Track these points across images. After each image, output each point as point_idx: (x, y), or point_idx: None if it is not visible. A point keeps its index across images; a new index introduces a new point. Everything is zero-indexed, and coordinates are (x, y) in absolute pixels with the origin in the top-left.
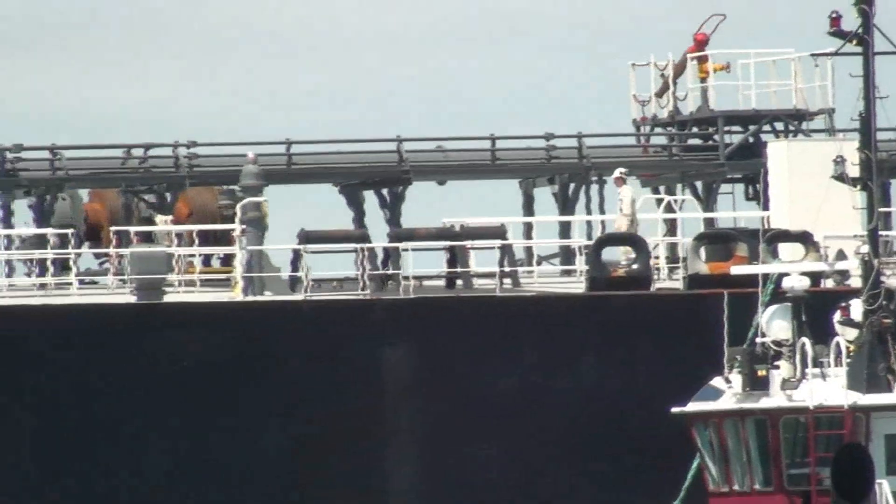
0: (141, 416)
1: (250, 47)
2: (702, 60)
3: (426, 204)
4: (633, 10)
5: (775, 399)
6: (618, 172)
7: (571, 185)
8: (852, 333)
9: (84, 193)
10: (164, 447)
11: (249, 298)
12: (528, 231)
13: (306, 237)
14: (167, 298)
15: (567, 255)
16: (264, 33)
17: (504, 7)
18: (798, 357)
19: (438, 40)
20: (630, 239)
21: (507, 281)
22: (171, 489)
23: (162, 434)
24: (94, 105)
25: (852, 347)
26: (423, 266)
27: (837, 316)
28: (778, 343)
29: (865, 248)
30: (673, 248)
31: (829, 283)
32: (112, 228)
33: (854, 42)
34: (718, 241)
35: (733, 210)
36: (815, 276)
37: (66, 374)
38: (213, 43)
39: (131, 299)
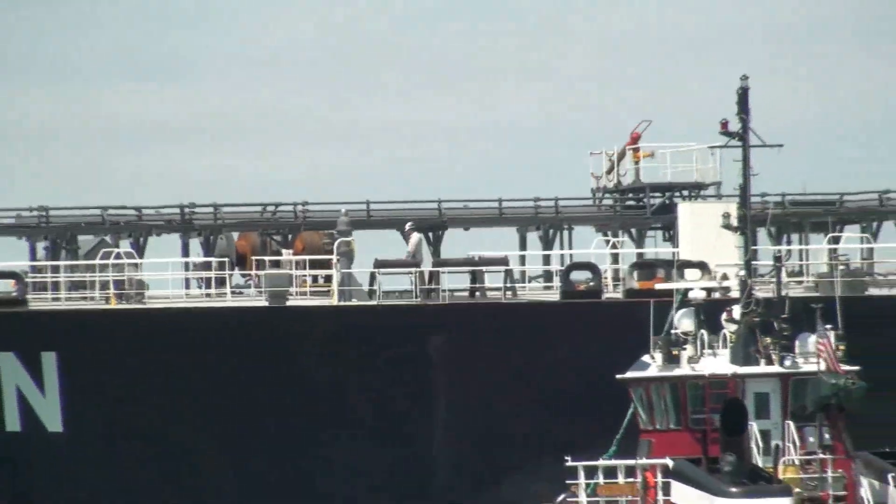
0: (271, 385)
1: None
2: (635, 150)
3: (456, 242)
4: (591, 116)
5: (684, 370)
6: (408, 227)
7: (551, 231)
8: (733, 327)
9: (235, 235)
10: (288, 415)
11: (342, 303)
12: (522, 261)
13: (379, 264)
14: (290, 303)
15: (548, 276)
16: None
17: (505, 114)
18: (698, 342)
19: (475, 135)
20: (589, 266)
21: (508, 293)
22: (308, 445)
23: (288, 402)
24: (241, 176)
25: (733, 337)
26: (454, 283)
27: (724, 316)
28: (685, 333)
29: (742, 273)
30: (616, 272)
31: (717, 295)
32: (253, 258)
33: (736, 138)
34: (646, 267)
35: (655, 247)
36: (709, 291)
37: (222, 354)
38: (299, 134)
39: (265, 304)
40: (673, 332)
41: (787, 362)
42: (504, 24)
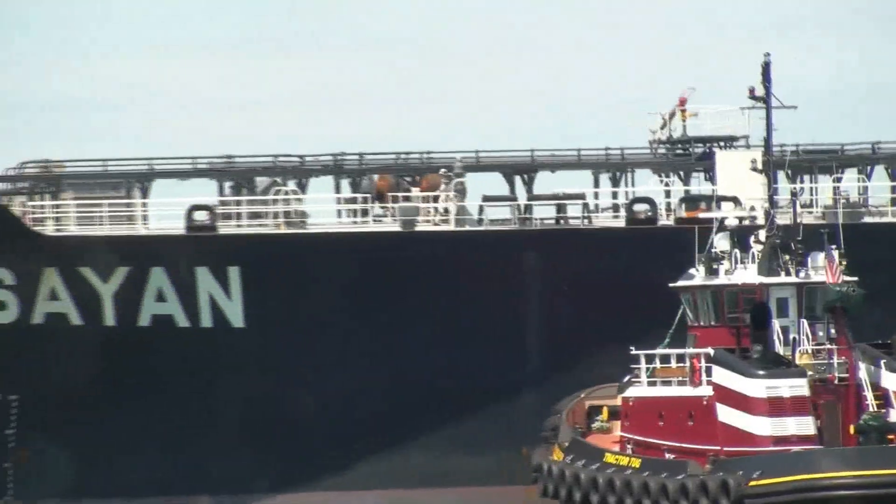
0: (401, 290)
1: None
2: (683, 111)
3: (546, 182)
4: (649, 83)
5: (722, 279)
6: (442, 171)
7: (618, 173)
8: (759, 247)
9: (375, 177)
10: (414, 314)
11: (457, 229)
12: (596, 196)
13: (485, 198)
14: (417, 228)
15: (615, 208)
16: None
17: (584, 81)
18: (732, 258)
19: (547, 105)
20: (648, 200)
21: (585, 221)
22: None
23: (414, 304)
24: (380, 131)
25: (759, 254)
26: (543, 213)
27: (752, 238)
28: (722, 252)
29: (766, 205)
30: (668, 204)
31: (747, 222)
32: (390, 194)
33: (761, 101)
34: (691, 201)
35: (699, 185)
36: (741, 219)
37: (365, 266)
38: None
39: (399, 229)
40: (713, 250)
41: (802, 274)
42: (582, 5)
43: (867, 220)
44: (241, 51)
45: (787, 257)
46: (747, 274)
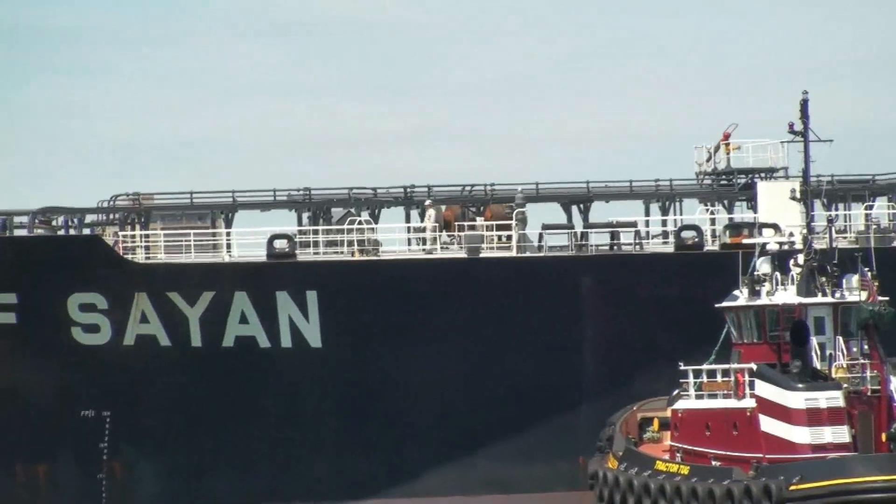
0: (465, 309)
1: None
2: (727, 144)
3: (601, 211)
4: (695, 120)
5: (763, 300)
6: (428, 202)
7: (667, 202)
8: (798, 270)
9: (443, 207)
10: (478, 327)
11: (519, 255)
12: (646, 224)
13: (545, 226)
14: (482, 255)
15: (665, 234)
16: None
17: (634, 120)
18: (773, 281)
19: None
20: (695, 227)
21: (637, 247)
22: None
23: (478, 320)
24: (447, 165)
25: (798, 276)
26: (599, 240)
27: (791, 262)
28: (764, 274)
29: (804, 231)
30: (714, 231)
31: (786, 247)
32: (456, 223)
33: (799, 136)
34: (735, 227)
35: (742, 213)
36: (780, 244)
37: (433, 289)
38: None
39: (464, 255)
40: (755, 273)
41: (837, 294)
42: (634, 53)
43: None
44: (320, 94)
45: (824, 279)
46: (787, 295)
